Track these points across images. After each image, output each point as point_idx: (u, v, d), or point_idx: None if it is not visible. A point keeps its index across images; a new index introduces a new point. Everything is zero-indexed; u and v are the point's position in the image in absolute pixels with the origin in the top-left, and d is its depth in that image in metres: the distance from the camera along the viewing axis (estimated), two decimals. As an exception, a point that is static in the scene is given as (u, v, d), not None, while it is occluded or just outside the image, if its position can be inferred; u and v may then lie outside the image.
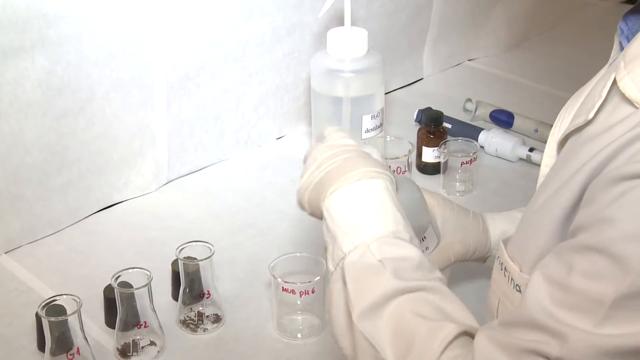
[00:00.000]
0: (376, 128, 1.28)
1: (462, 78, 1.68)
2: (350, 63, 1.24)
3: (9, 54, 1.06)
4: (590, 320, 0.59)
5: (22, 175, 1.15)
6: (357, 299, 0.74)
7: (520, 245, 0.75)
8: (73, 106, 1.16)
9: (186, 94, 1.29)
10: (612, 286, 0.59)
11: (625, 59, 0.67)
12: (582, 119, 0.71)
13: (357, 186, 0.80)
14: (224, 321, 1.05)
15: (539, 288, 0.63)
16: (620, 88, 0.66)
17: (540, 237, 0.71)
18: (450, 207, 1.00)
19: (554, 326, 0.61)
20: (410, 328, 0.70)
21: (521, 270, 0.74)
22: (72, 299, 0.94)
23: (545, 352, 0.61)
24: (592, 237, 0.61)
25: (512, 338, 0.63)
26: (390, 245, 0.76)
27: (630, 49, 0.68)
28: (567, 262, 0.62)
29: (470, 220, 1.01)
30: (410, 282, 0.73)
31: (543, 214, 0.71)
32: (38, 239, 1.20)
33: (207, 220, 1.25)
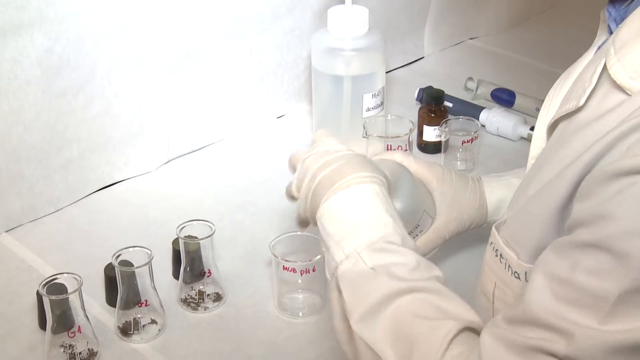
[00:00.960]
0: (377, 107, 1.27)
1: (463, 57, 1.67)
2: (351, 41, 1.23)
3: (8, 31, 1.05)
4: (595, 317, 0.59)
5: (22, 153, 1.14)
6: (354, 306, 0.74)
7: (516, 232, 0.75)
8: (73, 84, 1.15)
9: (186, 72, 1.29)
10: (615, 282, 0.59)
11: (615, 44, 0.66)
12: (572, 105, 0.70)
13: (346, 194, 0.81)
14: (224, 300, 1.05)
15: (541, 286, 0.63)
16: (612, 75, 0.66)
17: (536, 226, 0.71)
18: (449, 181, 1.01)
19: (560, 324, 0.61)
20: (409, 329, 0.70)
21: (519, 258, 0.74)
22: (73, 278, 0.94)
23: (552, 350, 0.61)
24: (593, 233, 0.61)
25: (517, 336, 0.63)
26: (381, 251, 0.76)
27: (620, 34, 0.67)
28: (568, 259, 0.62)
29: (468, 194, 1.01)
30: (406, 283, 0.73)
31: (538, 203, 0.71)
32: (39, 218, 1.20)
33: (208, 199, 1.25)
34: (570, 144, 0.68)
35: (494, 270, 0.78)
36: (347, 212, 0.80)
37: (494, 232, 0.78)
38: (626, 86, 0.64)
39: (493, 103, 1.48)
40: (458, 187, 1.01)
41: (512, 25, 1.78)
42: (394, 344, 0.70)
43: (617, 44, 0.66)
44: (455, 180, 1.02)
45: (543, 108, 0.80)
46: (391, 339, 0.70)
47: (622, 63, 0.65)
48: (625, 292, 0.58)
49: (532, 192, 0.72)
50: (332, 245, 0.79)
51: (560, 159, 0.69)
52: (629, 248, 0.58)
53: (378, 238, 0.77)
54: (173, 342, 1.00)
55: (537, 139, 0.80)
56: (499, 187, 1.03)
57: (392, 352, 0.70)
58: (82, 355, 0.95)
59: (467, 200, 1.01)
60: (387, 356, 0.70)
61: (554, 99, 0.78)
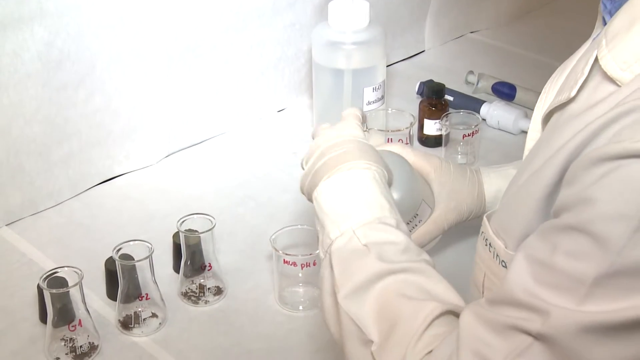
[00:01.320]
0: (378, 100, 1.27)
1: (464, 50, 1.67)
2: (351, 35, 1.23)
3: (8, 25, 1.05)
4: (572, 298, 0.60)
5: (22, 147, 1.14)
6: (342, 282, 0.75)
7: (504, 221, 0.76)
8: (73, 78, 1.15)
9: (186, 66, 1.28)
10: (593, 265, 0.59)
11: (607, 36, 0.66)
12: (564, 96, 0.70)
13: (346, 175, 0.82)
14: (225, 293, 1.05)
15: (521, 267, 0.64)
16: (602, 66, 0.66)
17: (523, 214, 0.71)
18: (447, 172, 1.02)
19: (537, 303, 0.61)
20: (394, 308, 0.71)
21: (506, 247, 0.75)
22: (74, 271, 0.94)
23: (527, 328, 0.62)
24: (574, 216, 0.61)
25: (495, 314, 0.64)
26: (376, 230, 0.78)
27: (612, 26, 0.67)
28: (549, 242, 0.63)
29: (466, 184, 1.02)
30: (395, 264, 0.74)
31: (526, 191, 0.71)
32: (39, 212, 1.20)
33: (208, 193, 1.25)
34: (559, 133, 0.68)
35: (484, 259, 0.78)
36: (345, 192, 0.81)
37: (484, 222, 0.79)
38: (616, 77, 0.64)
39: (494, 97, 1.47)
40: (456, 177, 1.02)
41: (513, 18, 1.78)
42: (377, 321, 0.71)
43: (608, 36, 0.66)
44: (453, 170, 1.03)
45: (539, 100, 0.80)
46: (375, 316, 0.72)
47: (613, 54, 0.65)
48: (602, 275, 0.59)
49: (523, 180, 0.73)
50: (328, 223, 0.80)
51: (549, 147, 0.69)
52: (608, 231, 0.58)
53: (374, 218, 0.79)
54: (174, 336, 1.00)
55: (533, 130, 0.80)
56: (497, 178, 1.04)
57: (375, 329, 0.71)
58: (83, 348, 0.96)
59: (465, 190, 1.02)
60: (370, 332, 0.71)
61: (550, 92, 0.78)
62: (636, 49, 0.63)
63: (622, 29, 0.65)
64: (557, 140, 0.68)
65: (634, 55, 0.63)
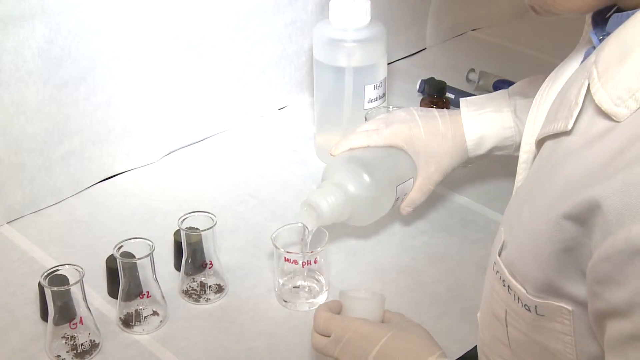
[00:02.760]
0: (379, 98, 1.27)
1: (465, 48, 1.67)
2: (352, 33, 1.23)
3: (9, 22, 1.05)
4: None
5: (24, 145, 1.14)
6: None
7: (520, 266, 0.71)
8: (74, 75, 1.15)
9: (188, 63, 1.28)
10: None
11: (598, 67, 0.64)
12: (560, 125, 0.68)
13: None
14: (226, 291, 1.05)
15: None
16: (596, 101, 0.63)
17: (539, 265, 0.68)
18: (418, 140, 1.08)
19: None
20: None
21: (527, 292, 0.70)
22: (75, 269, 0.94)
23: None
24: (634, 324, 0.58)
25: None
26: None
27: (602, 55, 0.65)
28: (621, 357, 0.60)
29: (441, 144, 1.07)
30: None
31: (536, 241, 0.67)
32: (40, 209, 1.20)
33: (209, 191, 1.25)
34: (560, 170, 0.66)
35: (504, 298, 0.74)
36: None
37: (497, 261, 0.74)
38: (611, 113, 0.62)
39: (495, 95, 1.47)
40: (428, 141, 1.07)
41: (514, 16, 1.77)
42: None
43: (599, 67, 0.64)
44: (424, 135, 1.07)
45: (531, 112, 0.78)
46: None
47: (606, 89, 0.63)
48: None
49: (527, 219, 0.70)
50: None
51: (552, 186, 0.66)
52: None
53: None
54: (175, 334, 1.00)
55: (526, 144, 0.78)
56: (479, 122, 1.08)
57: None
58: (84, 346, 0.95)
59: (441, 150, 1.07)
60: None
61: (542, 105, 0.76)
62: (630, 84, 0.61)
63: (614, 61, 0.63)
64: (558, 178, 0.65)
65: (628, 91, 0.61)
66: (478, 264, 1.09)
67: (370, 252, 1.13)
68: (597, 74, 0.64)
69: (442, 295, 1.05)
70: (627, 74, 0.61)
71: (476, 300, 1.02)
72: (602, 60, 0.64)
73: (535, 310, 0.70)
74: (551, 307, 0.68)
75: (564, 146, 0.68)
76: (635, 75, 0.61)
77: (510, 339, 0.75)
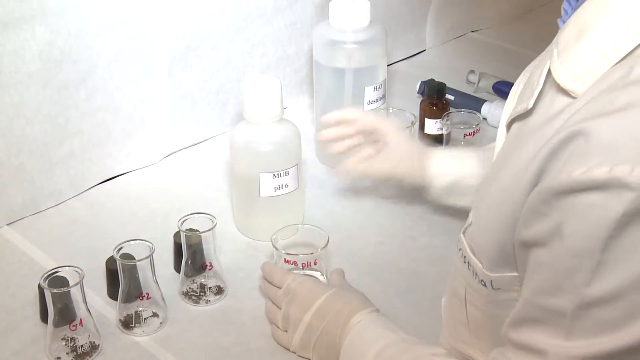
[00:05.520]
0: (378, 100, 1.27)
1: (465, 49, 1.67)
2: (352, 34, 1.23)
3: (9, 24, 1.05)
4: (559, 334, 0.62)
5: (24, 146, 1.14)
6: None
7: (479, 241, 0.75)
8: (74, 77, 1.15)
9: (188, 65, 1.28)
10: (569, 299, 0.61)
11: (558, 47, 0.67)
12: (523, 106, 0.71)
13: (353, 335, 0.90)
14: (226, 293, 1.05)
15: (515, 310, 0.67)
16: (555, 78, 0.66)
17: (494, 236, 0.71)
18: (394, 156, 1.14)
19: (533, 344, 0.64)
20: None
21: (483, 267, 0.74)
22: (75, 271, 0.94)
23: None
24: (546, 253, 0.62)
25: None
26: None
27: (562, 36, 0.67)
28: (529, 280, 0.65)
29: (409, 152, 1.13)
30: None
31: (495, 212, 0.71)
32: (40, 211, 1.20)
33: (209, 192, 1.25)
34: (522, 148, 0.68)
35: (464, 275, 0.78)
36: None
37: (461, 238, 0.78)
38: (569, 89, 0.65)
39: (495, 96, 1.47)
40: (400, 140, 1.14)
41: (514, 17, 1.77)
42: None
43: (559, 46, 0.67)
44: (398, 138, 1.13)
45: (507, 105, 0.80)
46: None
47: (564, 66, 0.65)
48: (578, 308, 0.60)
49: (492, 195, 0.72)
50: None
51: (513, 165, 0.69)
52: (575, 266, 0.60)
53: None
54: (175, 335, 1.00)
55: (500, 134, 0.80)
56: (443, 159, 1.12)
57: None
58: (84, 348, 0.95)
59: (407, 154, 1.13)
60: None
61: (516, 95, 0.78)
62: (586, 60, 0.64)
63: (572, 40, 0.66)
64: (521, 154, 0.68)
65: (584, 67, 0.64)
66: (478, 266, 1.09)
67: (370, 254, 1.13)
68: (557, 52, 0.67)
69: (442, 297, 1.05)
70: (584, 51, 0.64)
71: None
72: (562, 39, 0.67)
73: (491, 285, 0.73)
74: (505, 278, 0.72)
75: (527, 126, 0.70)
76: (590, 52, 0.64)
77: (469, 318, 0.79)
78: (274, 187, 1.11)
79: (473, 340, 0.80)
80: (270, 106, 1.09)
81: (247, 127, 1.11)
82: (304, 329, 0.93)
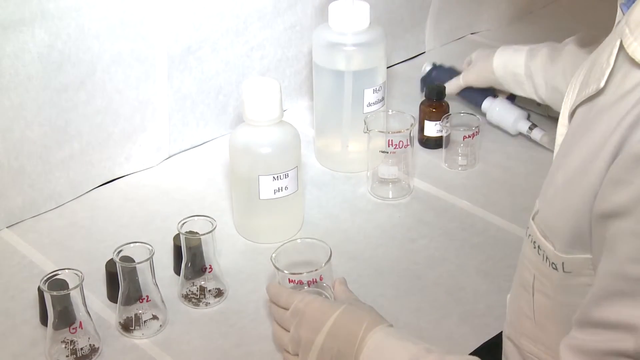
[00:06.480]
0: (378, 102, 1.27)
1: (464, 52, 1.66)
2: (352, 36, 1.23)
3: (9, 27, 1.05)
4: None
5: (24, 149, 1.14)
6: None
7: (551, 223, 0.75)
8: (74, 80, 1.15)
9: (187, 67, 1.28)
10: None
11: (630, 24, 0.67)
12: (592, 88, 0.70)
13: None
14: (226, 295, 1.05)
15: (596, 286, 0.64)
16: (630, 54, 0.66)
17: (570, 215, 0.70)
18: None
19: (621, 320, 0.61)
20: None
21: (555, 249, 0.74)
22: (74, 273, 0.94)
23: (622, 350, 0.62)
24: (635, 220, 0.61)
25: (590, 342, 0.65)
26: None
27: (633, 14, 0.67)
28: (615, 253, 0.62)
29: None
30: None
31: (570, 191, 0.70)
32: (40, 214, 1.20)
33: (209, 195, 1.25)
34: (595, 128, 0.68)
35: (533, 261, 0.77)
36: None
37: (531, 224, 0.78)
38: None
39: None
40: None
41: (513, 20, 1.77)
42: None
43: (631, 24, 0.67)
44: None
45: (566, 95, 0.79)
46: None
47: (639, 41, 0.65)
48: None
49: (561, 181, 0.72)
50: None
51: (586, 144, 0.68)
52: None
53: None
54: (174, 338, 1.00)
55: (562, 125, 0.79)
56: None
57: None
58: (84, 351, 0.95)
59: None
60: None
61: (576, 86, 0.78)
62: None
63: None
64: (593, 135, 0.68)
65: None
66: (477, 268, 1.09)
67: (370, 256, 1.13)
68: (630, 29, 0.67)
69: (442, 299, 1.05)
70: None
71: (475, 304, 1.03)
72: (633, 18, 0.67)
73: (563, 268, 0.72)
74: (577, 260, 0.71)
75: (596, 108, 0.70)
76: None
77: (535, 308, 0.77)
78: (273, 189, 1.11)
79: (538, 333, 0.79)
80: (270, 108, 1.09)
81: (247, 130, 1.11)
82: (317, 351, 0.87)
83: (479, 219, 1.19)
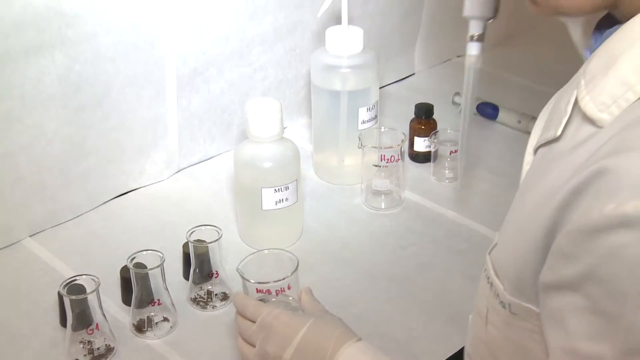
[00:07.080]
0: (371, 119, 1.28)
1: (451, 73, 1.67)
2: (347, 59, 1.24)
3: (31, 52, 1.06)
4: None
5: (45, 164, 1.15)
6: None
7: (502, 263, 0.71)
8: (91, 100, 1.16)
9: (195, 88, 1.29)
10: (610, 345, 0.57)
11: (586, 76, 0.64)
12: (551, 134, 0.68)
13: None
14: (231, 299, 1.05)
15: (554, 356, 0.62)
16: (582, 108, 0.63)
17: (517, 260, 0.67)
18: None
19: None
20: None
21: (504, 289, 0.70)
22: (91, 279, 0.94)
23: None
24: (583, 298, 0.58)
25: None
26: None
27: (590, 66, 0.64)
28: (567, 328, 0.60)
29: None
30: None
31: (521, 234, 0.67)
32: (60, 223, 1.20)
33: (216, 206, 1.25)
34: (549, 175, 0.65)
35: (487, 296, 0.74)
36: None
37: (487, 259, 0.74)
38: (595, 119, 0.62)
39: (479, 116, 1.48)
40: None
41: (496, 44, 1.77)
42: None
43: (587, 76, 0.64)
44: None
45: (533, 131, 0.76)
46: None
47: (591, 96, 0.62)
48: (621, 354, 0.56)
49: (516, 218, 0.69)
50: None
51: (539, 191, 0.65)
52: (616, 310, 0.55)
53: None
54: (184, 338, 1.00)
55: (528, 154, 0.77)
56: None
57: None
58: (100, 350, 0.96)
59: None
60: None
61: (541, 125, 0.76)
62: (613, 90, 0.61)
63: (600, 70, 0.62)
64: (546, 182, 0.65)
65: (611, 97, 0.61)
66: (463, 273, 1.10)
67: (364, 262, 1.13)
68: (585, 82, 0.64)
69: (430, 302, 1.05)
70: (611, 82, 0.61)
71: (461, 306, 1.03)
72: (590, 70, 0.64)
73: (509, 309, 0.70)
74: (521, 307, 0.68)
75: (553, 153, 0.67)
76: (618, 83, 0.61)
77: (488, 337, 0.74)
78: (275, 200, 1.11)
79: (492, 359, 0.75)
80: (272, 126, 1.10)
81: (250, 145, 1.12)
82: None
83: (465, 228, 1.20)
